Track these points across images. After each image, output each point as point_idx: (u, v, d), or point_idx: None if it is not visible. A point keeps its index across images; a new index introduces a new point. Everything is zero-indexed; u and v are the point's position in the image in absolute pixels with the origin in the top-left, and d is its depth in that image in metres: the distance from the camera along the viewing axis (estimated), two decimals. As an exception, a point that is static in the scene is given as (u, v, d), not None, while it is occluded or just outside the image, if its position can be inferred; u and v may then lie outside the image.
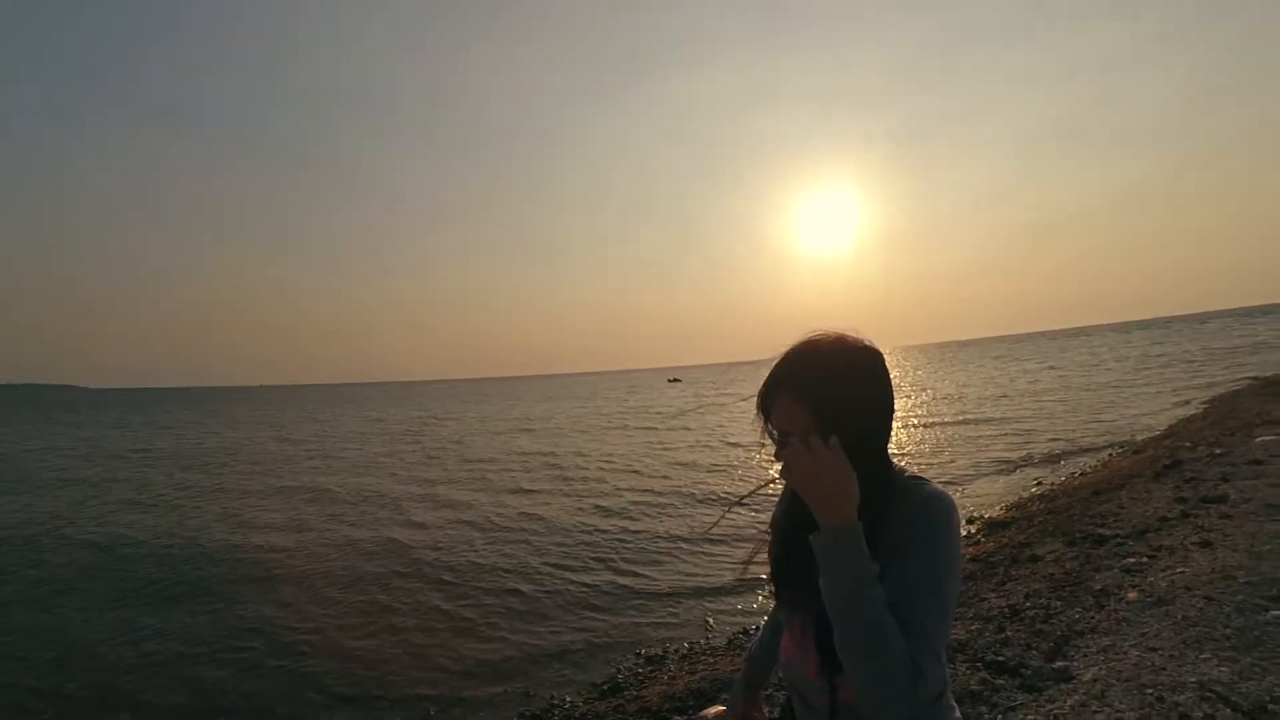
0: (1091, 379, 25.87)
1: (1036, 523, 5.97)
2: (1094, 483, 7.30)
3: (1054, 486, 8.23)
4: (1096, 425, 13.56)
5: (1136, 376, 24.45)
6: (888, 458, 0.94)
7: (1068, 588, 3.94)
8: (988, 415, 17.67)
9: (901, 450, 13.47)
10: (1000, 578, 4.53)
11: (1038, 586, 4.09)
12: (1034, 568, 4.55)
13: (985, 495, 8.66)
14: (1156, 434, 10.93)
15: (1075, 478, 8.55)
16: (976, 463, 11.04)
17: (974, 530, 6.64)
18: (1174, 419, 12.38)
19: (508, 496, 11.29)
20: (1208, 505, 4.95)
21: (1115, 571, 4.00)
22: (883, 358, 0.93)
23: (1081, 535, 4.98)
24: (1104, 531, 4.93)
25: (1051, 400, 19.71)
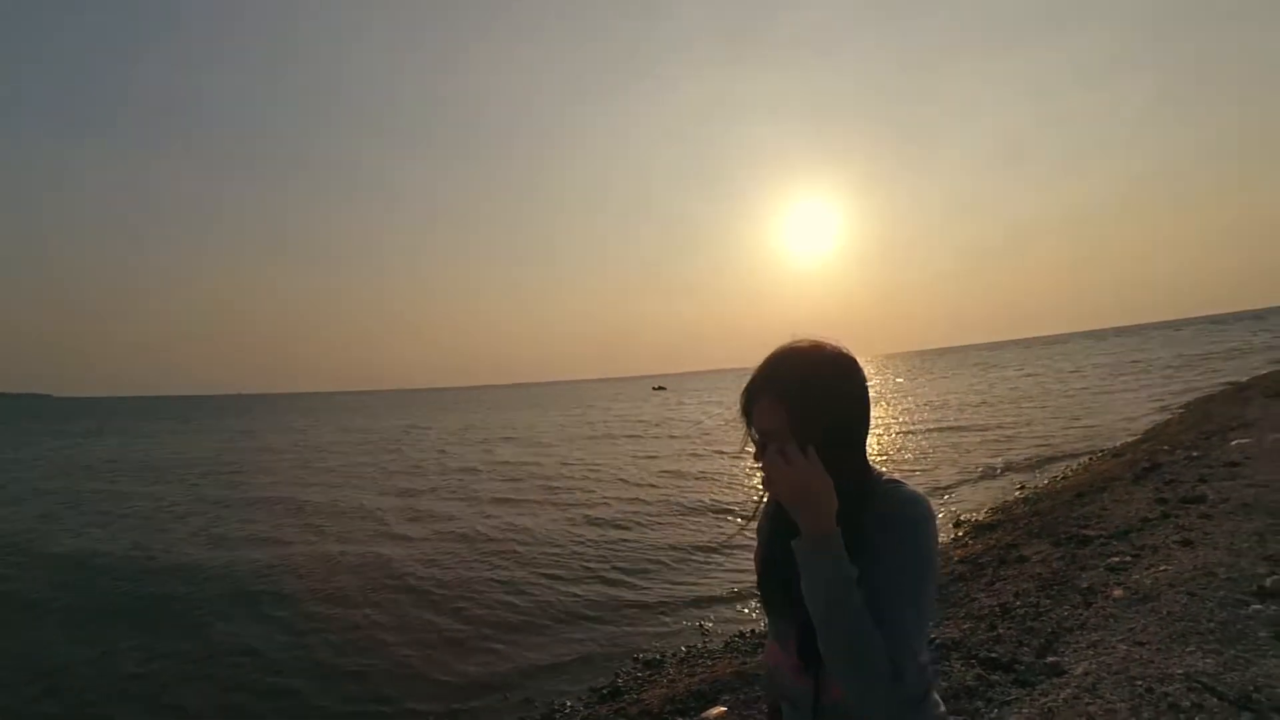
0: (1070, 385, 26.33)
1: (1022, 525, 6.08)
2: (1076, 486, 7.45)
3: (1037, 490, 8.37)
4: (1076, 430, 13.81)
5: (1114, 382, 24.94)
6: (865, 460, 0.97)
7: (1055, 586, 4.03)
8: (970, 422, 17.91)
9: (886, 456, 13.61)
10: (989, 578, 4.61)
11: (1026, 586, 4.18)
12: (1022, 568, 4.64)
13: (970, 500, 8.77)
14: (1135, 438, 11.17)
15: (1058, 481, 8.71)
16: (960, 468, 11.18)
17: (961, 533, 6.73)
18: (1152, 423, 12.66)
19: (493, 507, 11.13)
20: (1187, 506, 5.09)
21: (1101, 570, 4.10)
22: (858, 363, 0.97)
23: (1066, 536, 5.09)
24: (1088, 532, 5.04)
25: (1031, 406, 20.02)
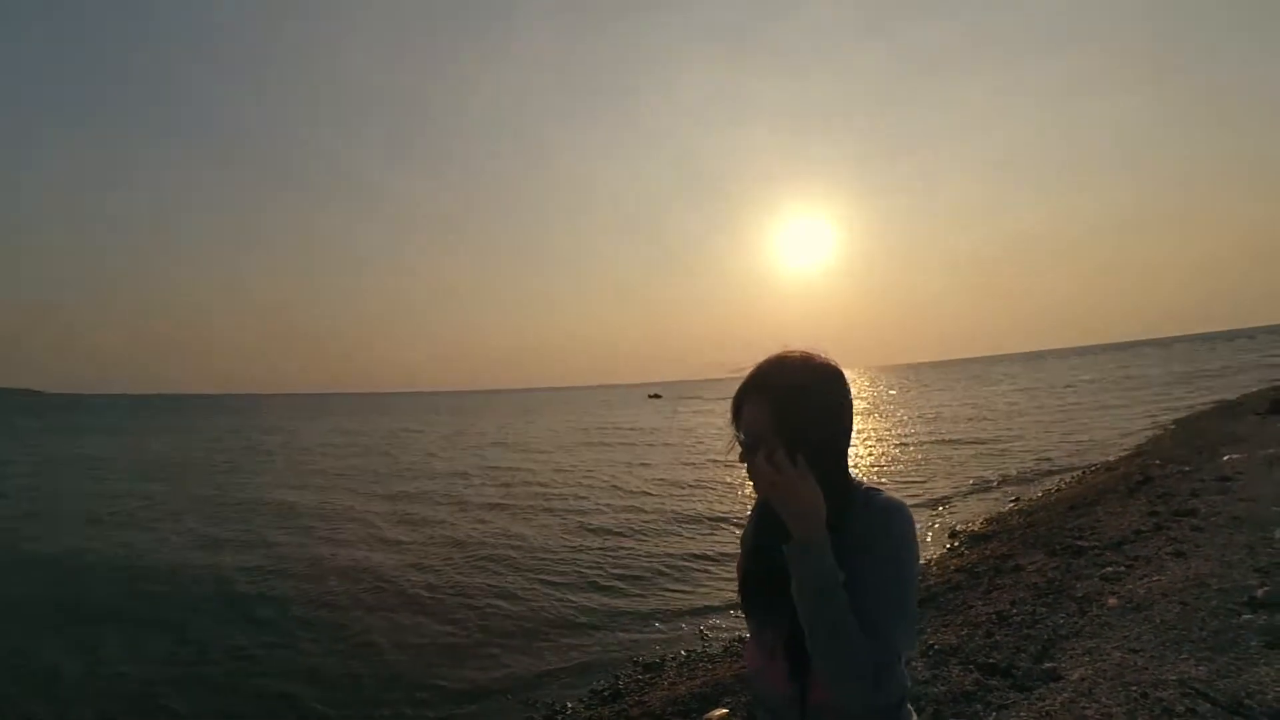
0: (1063, 400, 26.56)
1: (1017, 535, 6.16)
2: (1070, 498, 7.54)
3: (1032, 502, 8.46)
4: (1069, 444, 13.95)
5: (1106, 398, 25.19)
6: (846, 469, 1.01)
7: (1051, 595, 4.10)
8: (964, 435, 18.00)
9: (880, 468, 13.68)
10: (985, 586, 4.68)
11: (1022, 594, 4.25)
12: (1017, 577, 4.71)
13: (965, 511, 8.84)
14: (1128, 452, 11.30)
15: (1052, 494, 8.80)
16: (955, 481, 11.26)
17: (957, 544, 6.80)
18: (1144, 438, 12.81)
19: (485, 512, 11.11)
20: (1179, 519, 5.18)
21: (1095, 580, 4.18)
22: (844, 376, 1.02)
23: (1061, 547, 5.17)
24: (1082, 543, 5.13)
25: (1025, 420, 20.19)
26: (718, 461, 16.15)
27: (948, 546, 6.80)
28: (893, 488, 1.07)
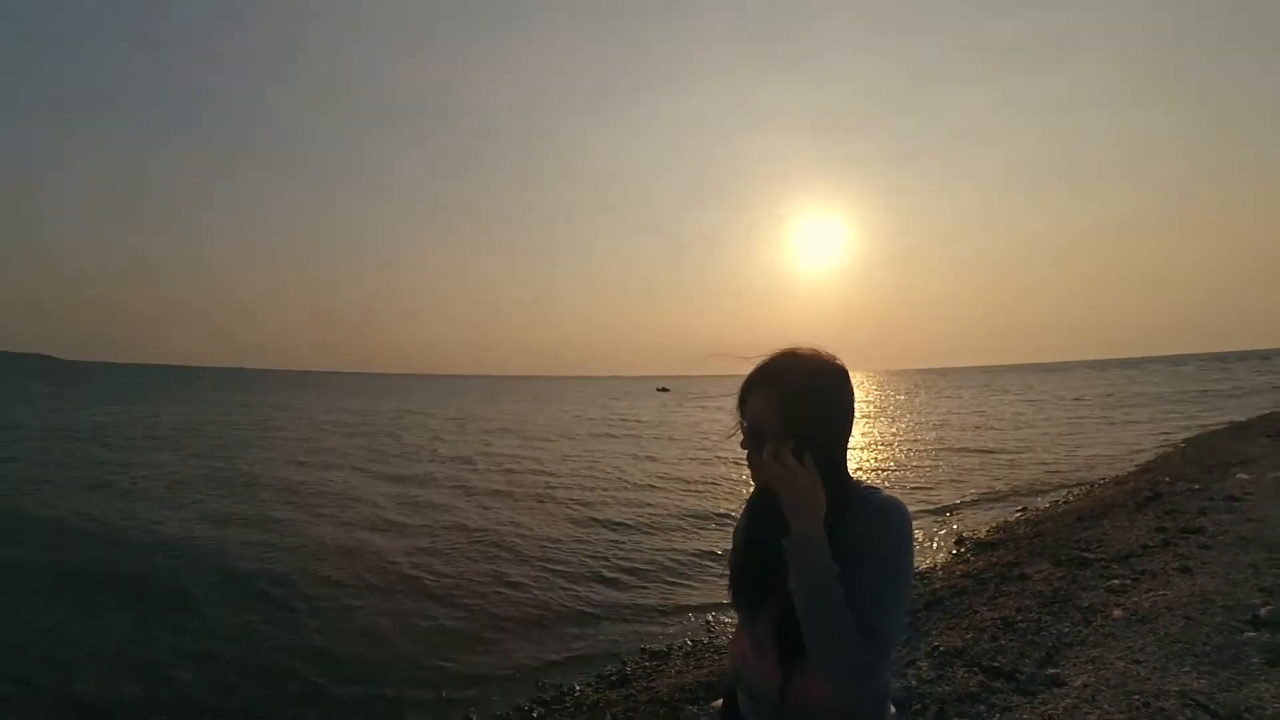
0: (1073, 412, 26.44)
1: (1024, 545, 6.21)
2: (1078, 510, 7.57)
3: (1039, 512, 8.48)
4: (1078, 457, 13.90)
5: (1116, 412, 25.05)
6: (846, 466, 1.03)
7: (1056, 604, 4.16)
8: (973, 444, 17.94)
9: (886, 472, 13.69)
10: (991, 593, 4.74)
11: (1028, 602, 4.31)
12: (1023, 585, 4.77)
13: (971, 519, 8.86)
14: (1137, 468, 11.29)
15: (1060, 505, 8.82)
16: (962, 489, 11.26)
17: (963, 550, 6.85)
18: (1154, 455, 12.78)
19: (490, 499, 11.15)
20: (1187, 535, 5.23)
21: (1101, 591, 4.24)
22: (849, 376, 1.04)
23: (1068, 557, 5.23)
24: (1089, 555, 5.18)
25: (1034, 432, 20.10)
26: (722, 457, 16.24)
27: (954, 552, 6.84)
28: (899, 492, 1.11)
